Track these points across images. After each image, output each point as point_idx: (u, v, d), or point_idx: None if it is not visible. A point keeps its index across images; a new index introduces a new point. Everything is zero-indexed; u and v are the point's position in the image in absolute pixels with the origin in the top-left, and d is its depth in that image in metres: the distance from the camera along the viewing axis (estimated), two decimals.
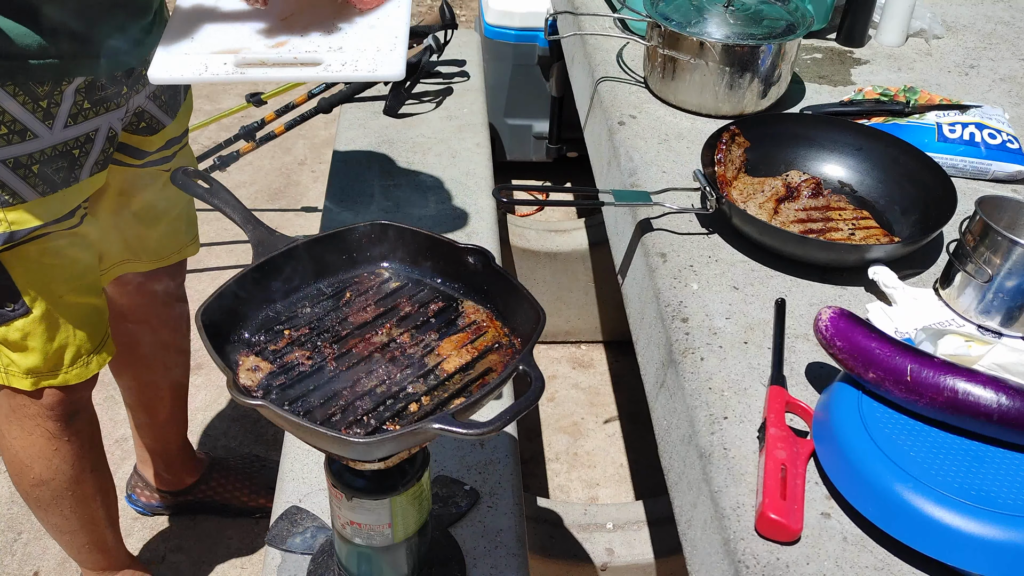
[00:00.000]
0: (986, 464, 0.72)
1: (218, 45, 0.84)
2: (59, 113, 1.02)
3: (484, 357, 0.86)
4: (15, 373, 1.16)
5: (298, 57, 0.84)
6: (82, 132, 1.06)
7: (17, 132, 0.99)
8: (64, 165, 1.05)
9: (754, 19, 1.28)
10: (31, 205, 1.04)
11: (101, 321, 1.22)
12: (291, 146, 3.10)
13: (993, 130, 1.19)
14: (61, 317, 1.14)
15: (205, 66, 0.81)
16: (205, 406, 2.13)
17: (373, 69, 0.84)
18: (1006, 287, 0.91)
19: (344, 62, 0.84)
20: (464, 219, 1.66)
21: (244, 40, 0.86)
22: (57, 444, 1.28)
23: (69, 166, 1.05)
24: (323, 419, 0.79)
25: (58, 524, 1.42)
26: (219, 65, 0.81)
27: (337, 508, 0.91)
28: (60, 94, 1.02)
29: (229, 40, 0.85)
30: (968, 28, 1.63)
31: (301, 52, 0.85)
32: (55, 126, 1.02)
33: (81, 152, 1.07)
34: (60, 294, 1.12)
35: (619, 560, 1.60)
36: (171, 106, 1.25)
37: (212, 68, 0.81)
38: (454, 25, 1.99)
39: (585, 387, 2.31)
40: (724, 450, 0.81)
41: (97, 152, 1.09)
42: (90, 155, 1.08)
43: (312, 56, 0.84)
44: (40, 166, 1.02)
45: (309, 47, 0.86)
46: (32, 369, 1.16)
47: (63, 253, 1.10)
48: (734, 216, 1.04)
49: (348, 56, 0.85)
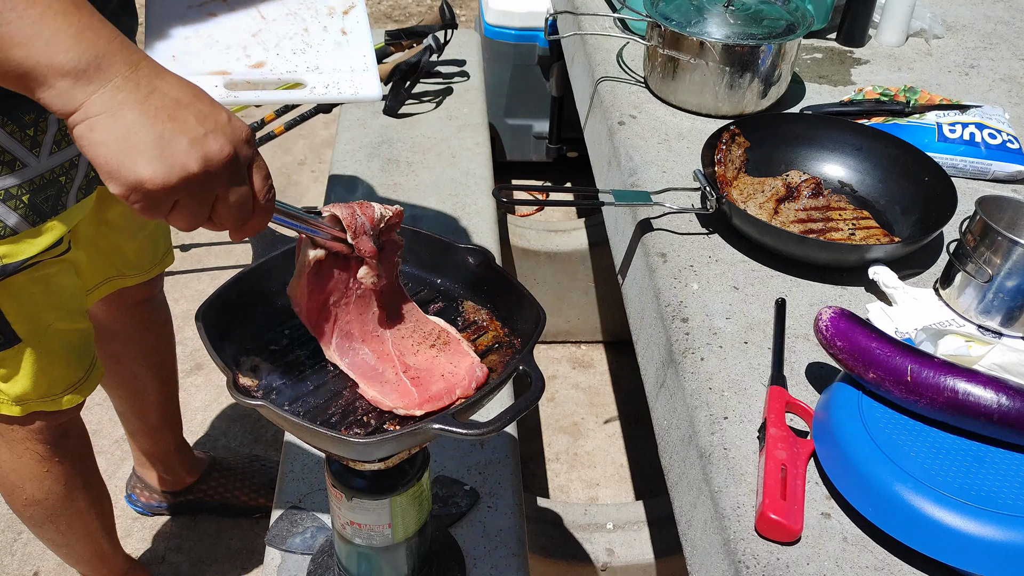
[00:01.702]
0: (986, 464, 0.72)
1: (202, 67, 0.85)
2: (45, 140, 1.01)
3: (484, 357, 0.86)
4: (4, 401, 1.14)
5: (281, 78, 0.86)
6: (66, 158, 1.04)
7: (6, 163, 0.98)
8: (52, 193, 1.03)
9: (754, 19, 1.28)
10: (21, 236, 1.02)
11: (89, 344, 1.21)
12: (291, 146, 3.10)
13: (993, 130, 1.19)
14: (50, 345, 1.13)
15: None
16: (205, 406, 2.13)
17: (355, 91, 0.88)
18: (1006, 287, 0.91)
19: (327, 84, 0.87)
20: (464, 219, 1.66)
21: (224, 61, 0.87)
22: (48, 465, 1.27)
23: (56, 194, 1.04)
24: (323, 419, 0.79)
25: (54, 539, 1.42)
26: (211, 88, 0.83)
27: (337, 508, 0.91)
28: (45, 121, 1.00)
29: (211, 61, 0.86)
30: (968, 28, 1.63)
31: (283, 73, 0.87)
32: (42, 154, 1.01)
33: (67, 178, 1.05)
34: (49, 322, 1.11)
35: (619, 560, 1.60)
36: None
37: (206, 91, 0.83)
38: (454, 25, 1.99)
39: (585, 387, 2.31)
40: (724, 450, 0.81)
41: (81, 176, 1.07)
42: (75, 180, 1.07)
43: (293, 76, 0.86)
44: (30, 196, 1.01)
45: (288, 67, 0.88)
46: (20, 396, 1.14)
47: (51, 281, 1.09)
48: (734, 216, 1.04)
49: (328, 78, 0.88)
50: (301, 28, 0.93)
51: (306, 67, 0.88)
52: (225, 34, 0.90)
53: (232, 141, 0.64)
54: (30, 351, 1.11)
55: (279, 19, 0.93)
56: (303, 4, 0.96)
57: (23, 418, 1.18)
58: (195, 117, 0.62)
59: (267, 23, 0.92)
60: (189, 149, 0.61)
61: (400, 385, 0.78)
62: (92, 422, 2.04)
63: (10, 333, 1.08)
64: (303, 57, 0.90)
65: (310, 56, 0.90)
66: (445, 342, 0.83)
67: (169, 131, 0.61)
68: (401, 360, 0.81)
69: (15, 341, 1.09)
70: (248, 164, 0.66)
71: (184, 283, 2.45)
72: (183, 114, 0.62)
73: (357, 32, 0.94)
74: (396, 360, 0.81)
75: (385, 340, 0.83)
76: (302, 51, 0.90)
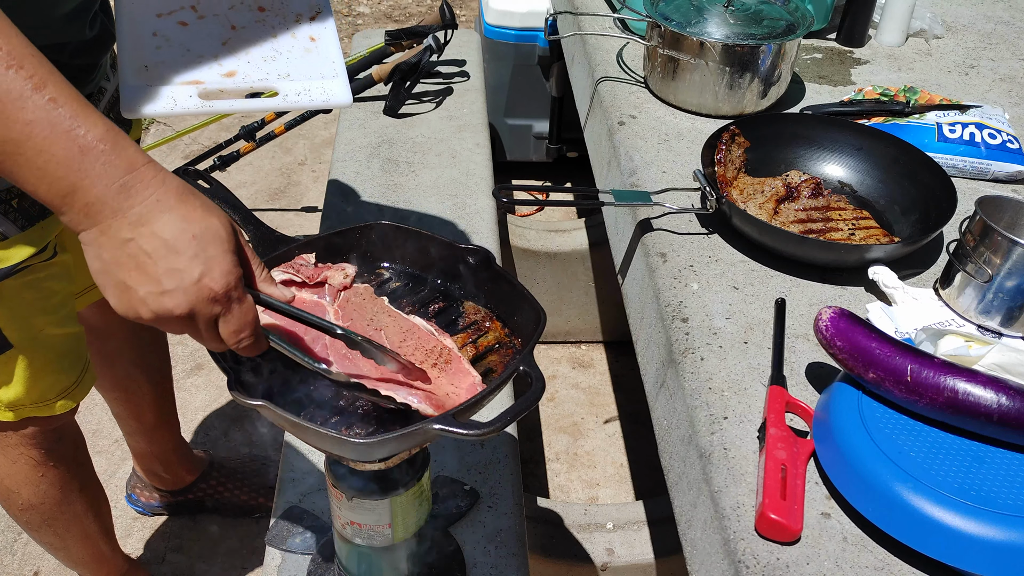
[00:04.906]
0: (986, 464, 0.72)
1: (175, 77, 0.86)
2: None
3: (484, 357, 0.86)
4: None
5: (253, 86, 0.87)
6: None
7: None
8: None
9: (754, 19, 1.28)
10: (12, 241, 1.02)
11: (81, 348, 1.21)
12: (291, 146, 3.10)
13: (993, 130, 1.19)
14: (42, 350, 1.13)
15: (173, 100, 0.84)
16: (205, 406, 2.13)
17: (327, 98, 0.89)
18: (1006, 287, 0.91)
19: (299, 91, 0.88)
20: (464, 219, 1.66)
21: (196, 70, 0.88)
22: (43, 470, 1.27)
23: None
24: (323, 419, 0.79)
25: (52, 542, 1.42)
26: (185, 97, 0.84)
27: (337, 508, 0.91)
28: None
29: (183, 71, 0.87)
30: (968, 28, 1.63)
31: (255, 81, 0.88)
32: None
33: None
34: (40, 327, 1.11)
35: (619, 560, 1.60)
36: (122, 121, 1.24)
37: (180, 101, 0.84)
38: (454, 25, 1.99)
39: (585, 387, 2.31)
40: (724, 450, 0.81)
41: None
42: None
43: (265, 84, 0.87)
44: (19, 200, 1.00)
45: (259, 75, 0.89)
46: (13, 402, 1.14)
47: (41, 286, 1.09)
48: (734, 216, 1.04)
49: (300, 85, 0.89)
50: (270, 35, 0.94)
51: (277, 74, 0.90)
52: (196, 43, 0.90)
53: (191, 303, 0.67)
54: (22, 357, 1.10)
55: (248, 26, 0.94)
56: (271, 11, 0.97)
57: (16, 424, 1.18)
58: (163, 272, 0.66)
59: (236, 31, 0.93)
60: (143, 301, 0.67)
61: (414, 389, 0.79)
62: (92, 422, 2.04)
63: (1, 339, 1.07)
64: (273, 64, 0.91)
65: (280, 63, 0.91)
66: (447, 360, 0.83)
67: (133, 279, 0.66)
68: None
69: (7, 347, 1.08)
70: (212, 320, 0.69)
71: None
72: (151, 267, 0.66)
73: (325, 38, 0.95)
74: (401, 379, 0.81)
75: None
76: (272, 58, 0.91)
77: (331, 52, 0.93)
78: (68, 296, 1.16)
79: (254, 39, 0.93)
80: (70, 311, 1.17)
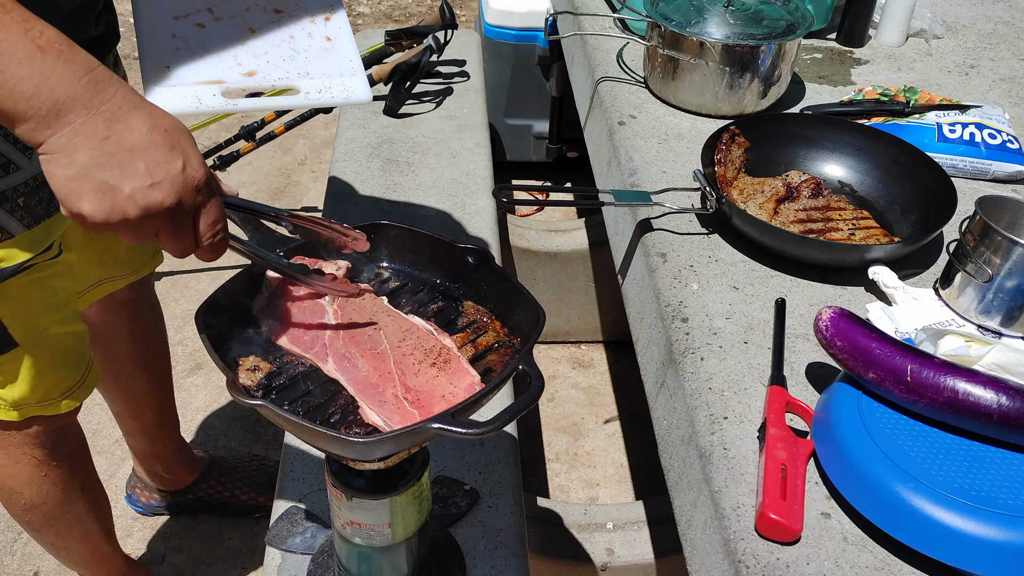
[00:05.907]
0: (986, 464, 0.72)
1: (197, 76, 0.87)
2: None
3: (483, 357, 0.86)
4: (1, 406, 1.14)
5: (275, 85, 0.88)
6: None
7: (1, 166, 0.98)
8: (45, 195, 1.03)
9: (754, 19, 1.28)
10: (18, 239, 1.02)
11: (84, 347, 1.21)
12: (291, 146, 3.10)
13: (993, 130, 1.19)
14: (47, 349, 1.13)
15: (198, 99, 0.86)
16: (205, 406, 2.13)
17: (347, 95, 0.91)
18: (1006, 287, 0.91)
19: (320, 89, 0.90)
20: (464, 219, 1.66)
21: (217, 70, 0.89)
22: (46, 470, 1.27)
23: (49, 196, 1.04)
24: (323, 419, 0.79)
25: (53, 542, 1.42)
26: (209, 96, 0.86)
27: (337, 508, 0.91)
28: None
29: (204, 71, 0.88)
30: (968, 28, 1.63)
31: (275, 80, 0.89)
32: (33, 156, 1.00)
33: None
34: (44, 326, 1.11)
35: (619, 560, 1.60)
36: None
37: (205, 100, 0.86)
38: (454, 25, 1.99)
39: (585, 387, 2.31)
40: (724, 450, 0.81)
41: None
42: None
43: (286, 82, 0.89)
44: (24, 198, 1.01)
45: (279, 74, 0.91)
46: (18, 401, 1.14)
47: (45, 284, 1.09)
48: (734, 216, 1.04)
49: (320, 83, 0.91)
50: (287, 35, 0.95)
51: (297, 73, 0.91)
52: (215, 44, 0.92)
53: (179, 192, 0.67)
54: (27, 355, 1.10)
55: (265, 28, 0.96)
56: (286, 13, 0.98)
57: (20, 423, 1.18)
58: (146, 166, 0.65)
59: (253, 32, 0.94)
60: (131, 197, 0.65)
61: (401, 407, 0.79)
62: (92, 422, 2.04)
63: (6, 337, 1.07)
64: (292, 63, 0.92)
65: (299, 62, 0.93)
66: (446, 360, 0.84)
67: (116, 177, 0.65)
68: (402, 381, 0.81)
69: (11, 346, 1.08)
70: (196, 210, 0.69)
71: (184, 283, 2.45)
72: (134, 162, 0.65)
73: (341, 37, 0.97)
74: (397, 381, 0.81)
75: (387, 358, 0.83)
76: (291, 58, 0.93)
77: (348, 51, 0.95)
78: (72, 295, 1.16)
79: (272, 39, 0.95)
80: (74, 310, 1.17)
